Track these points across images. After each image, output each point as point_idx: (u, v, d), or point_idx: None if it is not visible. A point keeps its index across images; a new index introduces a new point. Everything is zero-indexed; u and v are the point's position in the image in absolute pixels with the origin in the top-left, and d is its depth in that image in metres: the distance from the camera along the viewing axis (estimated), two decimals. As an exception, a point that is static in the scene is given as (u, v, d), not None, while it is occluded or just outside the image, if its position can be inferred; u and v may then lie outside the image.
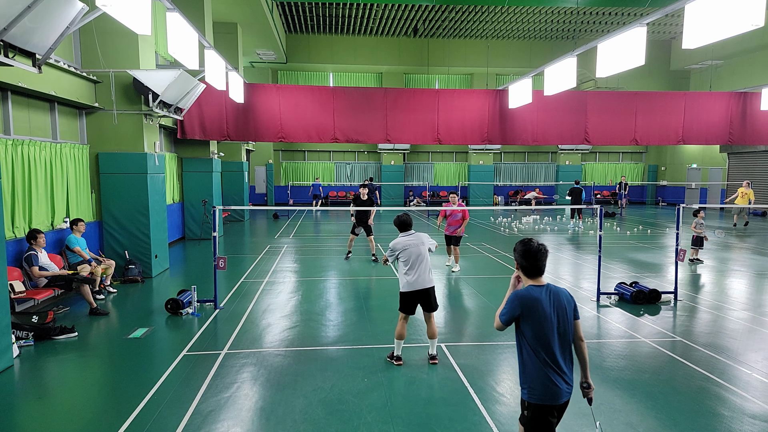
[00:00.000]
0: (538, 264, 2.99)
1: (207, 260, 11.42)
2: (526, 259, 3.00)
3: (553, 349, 2.92)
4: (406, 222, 5.72)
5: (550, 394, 2.94)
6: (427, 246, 5.61)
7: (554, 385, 2.92)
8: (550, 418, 2.98)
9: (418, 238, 5.63)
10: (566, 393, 2.99)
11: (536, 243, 3.02)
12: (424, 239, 5.63)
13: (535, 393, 2.98)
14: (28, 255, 7.26)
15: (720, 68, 24.69)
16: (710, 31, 6.02)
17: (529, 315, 2.93)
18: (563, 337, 2.96)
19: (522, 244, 3.05)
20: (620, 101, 14.52)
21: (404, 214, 5.76)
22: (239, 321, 7.12)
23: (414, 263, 5.48)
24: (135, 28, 6.12)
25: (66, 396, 4.96)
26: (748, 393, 4.89)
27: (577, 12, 21.77)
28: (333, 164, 29.33)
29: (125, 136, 9.66)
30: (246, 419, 4.40)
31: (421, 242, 5.58)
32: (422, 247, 5.54)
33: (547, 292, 2.99)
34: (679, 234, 8.27)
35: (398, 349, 5.58)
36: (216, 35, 16.25)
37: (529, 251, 2.99)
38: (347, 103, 13.63)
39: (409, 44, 26.59)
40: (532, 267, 3.00)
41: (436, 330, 5.64)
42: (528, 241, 3.04)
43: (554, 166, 30.32)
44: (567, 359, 2.99)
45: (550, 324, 2.92)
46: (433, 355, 5.65)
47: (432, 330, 5.62)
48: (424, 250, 5.55)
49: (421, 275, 5.49)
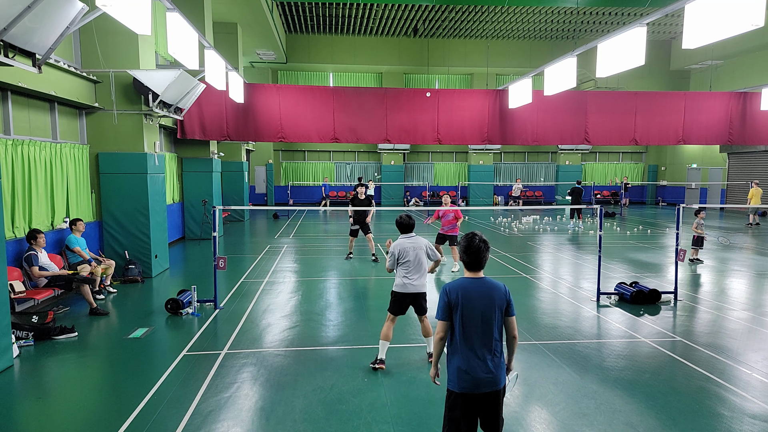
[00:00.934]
0: (478, 259, 3.10)
1: (207, 260, 11.42)
2: (467, 254, 3.11)
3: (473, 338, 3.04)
4: (406, 224, 5.64)
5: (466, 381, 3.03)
6: (425, 251, 5.53)
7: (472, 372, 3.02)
8: (468, 407, 3.06)
9: (418, 242, 5.55)
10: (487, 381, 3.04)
11: (478, 240, 3.10)
12: (423, 245, 5.55)
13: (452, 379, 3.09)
14: (28, 255, 7.26)
15: (720, 68, 24.70)
16: (710, 31, 6.02)
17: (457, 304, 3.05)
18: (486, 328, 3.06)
19: (465, 240, 3.14)
20: (620, 101, 14.52)
21: (406, 216, 5.67)
22: (239, 321, 7.12)
23: (411, 267, 5.43)
24: (135, 28, 6.12)
25: (66, 396, 4.96)
26: (748, 393, 4.89)
27: (577, 12, 21.77)
28: (333, 164, 29.34)
29: (125, 136, 9.66)
30: (246, 419, 4.40)
31: (420, 247, 5.50)
32: (420, 252, 5.48)
33: (480, 284, 3.10)
34: (679, 234, 8.27)
35: (382, 351, 5.44)
36: (216, 35, 16.25)
37: (470, 247, 3.09)
38: (347, 103, 13.63)
39: (409, 44, 26.60)
40: (472, 262, 3.12)
41: (431, 328, 5.60)
42: (471, 237, 3.12)
43: (554, 166, 30.32)
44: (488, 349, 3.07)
45: (476, 314, 3.04)
46: (431, 353, 5.59)
47: (426, 328, 5.61)
48: (422, 254, 5.49)
49: (416, 280, 5.45)
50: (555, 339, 6.39)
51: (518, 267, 10.94)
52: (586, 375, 5.29)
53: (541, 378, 5.23)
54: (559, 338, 6.42)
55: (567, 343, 6.20)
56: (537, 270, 10.73)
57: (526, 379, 5.25)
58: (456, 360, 3.07)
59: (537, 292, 8.90)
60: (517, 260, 11.67)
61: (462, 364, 3.04)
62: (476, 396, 3.05)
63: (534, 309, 7.80)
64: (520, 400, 4.79)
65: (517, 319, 7.41)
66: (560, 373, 5.35)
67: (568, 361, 5.66)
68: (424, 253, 5.53)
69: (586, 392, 4.88)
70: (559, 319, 7.26)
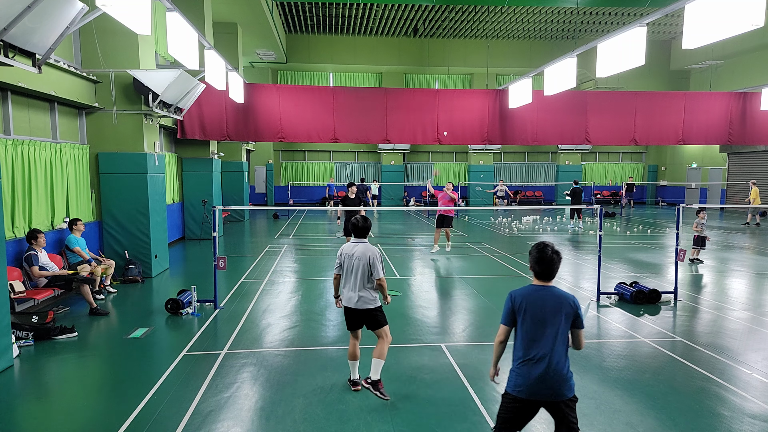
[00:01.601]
0: (550, 270, 3.14)
1: (207, 260, 11.42)
2: (539, 265, 3.15)
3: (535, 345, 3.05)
4: (358, 227, 4.86)
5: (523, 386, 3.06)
6: (367, 263, 4.70)
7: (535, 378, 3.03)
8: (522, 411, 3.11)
9: (362, 251, 4.75)
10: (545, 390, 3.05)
11: (550, 251, 3.13)
12: (367, 256, 4.72)
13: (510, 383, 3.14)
14: (28, 255, 7.26)
15: (720, 68, 24.70)
16: (710, 31, 6.02)
17: (522, 310, 3.10)
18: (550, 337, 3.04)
19: (537, 251, 3.15)
20: (620, 101, 14.52)
21: (361, 217, 4.90)
22: (239, 321, 7.12)
23: (346, 277, 4.81)
24: (135, 28, 6.12)
25: (66, 396, 4.96)
26: (748, 393, 4.89)
27: (577, 12, 21.77)
28: (333, 164, 29.34)
29: (125, 136, 9.66)
30: (246, 419, 4.39)
31: (359, 257, 4.72)
32: (358, 263, 4.72)
33: (548, 293, 3.12)
34: (679, 234, 8.26)
35: (353, 371, 4.96)
36: (216, 35, 16.25)
37: (543, 259, 3.13)
38: (347, 103, 13.64)
39: (409, 44, 26.59)
40: (543, 272, 3.15)
41: (383, 350, 4.80)
42: (544, 248, 3.14)
43: (554, 166, 30.33)
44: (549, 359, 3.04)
45: (540, 322, 3.05)
46: (370, 379, 4.77)
47: (378, 348, 4.82)
48: (359, 265, 4.71)
49: (347, 292, 4.80)
50: (555, 339, 6.38)
51: (518, 267, 10.94)
52: (586, 375, 5.29)
53: (541, 378, 5.23)
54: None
55: (567, 343, 6.19)
56: (537, 270, 10.71)
57: (526, 379, 5.25)
58: (515, 365, 3.12)
59: (537, 292, 8.88)
60: (517, 260, 11.67)
61: (522, 370, 3.06)
62: (532, 402, 3.07)
63: (534, 309, 7.78)
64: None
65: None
66: (560, 373, 5.34)
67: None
68: (364, 266, 4.71)
69: (586, 392, 4.88)
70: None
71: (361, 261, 4.72)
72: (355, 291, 4.74)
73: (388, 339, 4.87)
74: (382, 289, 4.80)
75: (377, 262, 4.72)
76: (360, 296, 4.73)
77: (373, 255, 4.74)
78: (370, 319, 4.81)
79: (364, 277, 4.73)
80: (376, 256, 4.74)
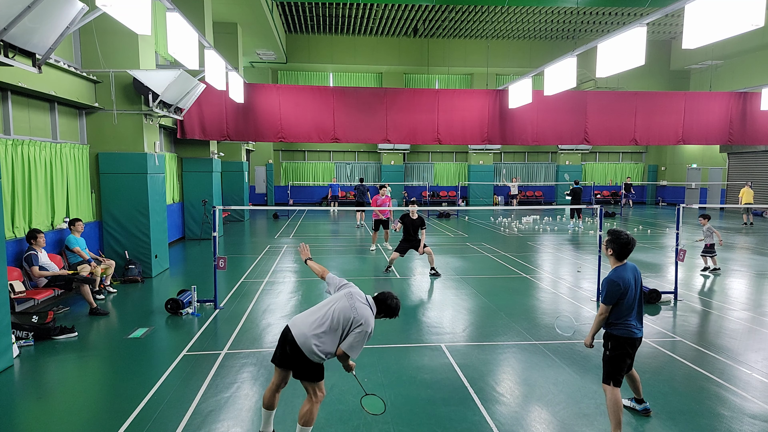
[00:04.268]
0: (629, 251, 4.12)
1: (207, 260, 11.42)
2: (623, 247, 4.09)
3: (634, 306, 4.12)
4: (390, 307, 3.87)
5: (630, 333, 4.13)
6: (349, 326, 3.67)
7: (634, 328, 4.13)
8: (630, 349, 4.13)
9: (359, 314, 3.69)
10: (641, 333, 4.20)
11: (627, 236, 4.10)
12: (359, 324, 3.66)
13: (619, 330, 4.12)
14: (28, 255, 7.26)
15: (720, 68, 24.70)
16: (710, 31, 6.02)
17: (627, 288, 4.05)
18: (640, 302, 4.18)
19: (619, 236, 4.09)
20: (620, 101, 14.51)
21: (396, 301, 3.92)
22: (239, 321, 7.12)
23: (316, 306, 3.91)
24: (135, 28, 6.12)
25: (66, 396, 4.96)
26: (748, 393, 4.89)
27: (577, 12, 21.77)
28: (333, 164, 29.34)
29: (125, 136, 9.66)
30: (246, 419, 4.39)
31: (352, 315, 3.68)
32: (343, 315, 3.69)
33: (631, 268, 4.19)
34: (679, 234, 8.26)
35: (265, 424, 3.95)
36: (216, 35, 16.25)
37: (629, 243, 4.09)
38: (347, 103, 13.63)
39: (409, 44, 26.59)
40: (625, 253, 4.13)
41: (312, 413, 3.73)
42: (625, 234, 4.12)
43: (554, 166, 30.33)
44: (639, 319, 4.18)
45: (633, 290, 4.08)
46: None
47: (305, 409, 3.74)
48: (341, 318, 3.68)
49: (304, 323, 3.76)
50: (555, 339, 6.38)
51: (518, 267, 10.94)
52: (586, 375, 5.29)
53: (541, 378, 5.23)
54: (559, 338, 6.41)
55: (567, 343, 6.19)
56: (537, 270, 10.73)
57: (526, 379, 5.25)
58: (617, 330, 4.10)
59: (537, 292, 8.90)
60: (517, 260, 11.67)
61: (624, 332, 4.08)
62: (640, 339, 4.21)
63: (534, 309, 7.80)
64: (520, 400, 4.79)
65: (517, 319, 7.43)
66: (560, 373, 5.35)
67: (568, 361, 5.66)
68: (344, 321, 3.68)
69: (586, 392, 4.89)
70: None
71: (345, 315, 3.68)
72: (312, 330, 3.68)
73: (319, 399, 3.76)
74: (344, 363, 3.80)
75: (360, 339, 3.65)
76: (314, 342, 3.64)
77: (365, 328, 3.65)
78: (305, 369, 3.70)
79: (333, 330, 3.67)
80: (364, 332, 3.66)
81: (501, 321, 7.16)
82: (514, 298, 8.34)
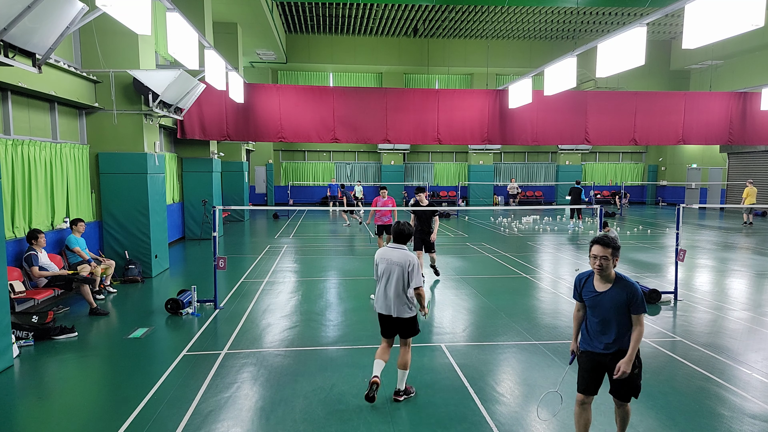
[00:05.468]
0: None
1: (207, 260, 11.42)
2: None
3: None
4: (403, 233, 4.77)
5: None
6: (404, 271, 4.58)
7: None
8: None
9: (400, 257, 4.63)
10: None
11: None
12: (405, 262, 4.59)
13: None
14: (28, 255, 7.26)
15: (720, 68, 24.70)
16: (710, 31, 6.01)
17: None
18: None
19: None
20: (620, 101, 14.51)
21: (404, 223, 4.82)
22: (239, 321, 7.12)
23: (381, 282, 4.70)
24: (135, 28, 6.12)
25: (66, 396, 4.96)
26: (748, 393, 4.89)
27: (577, 12, 21.77)
28: (333, 164, 29.34)
29: (125, 136, 9.66)
30: (246, 419, 4.39)
31: (398, 263, 4.60)
32: (395, 268, 4.60)
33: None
34: (679, 234, 8.26)
35: (376, 369, 4.67)
36: (216, 35, 16.25)
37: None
38: (347, 103, 13.63)
39: (409, 44, 26.59)
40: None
41: (406, 360, 4.69)
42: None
43: (554, 166, 30.33)
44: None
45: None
46: (398, 390, 4.73)
47: (402, 358, 4.71)
48: (396, 272, 4.59)
49: (382, 298, 4.70)
50: (555, 339, 6.38)
51: (518, 267, 10.94)
52: (586, 375, 5.28)
53: (541, 378, 5.23)
54: (559, 338, 6.42)
55: (567, 343, 6.19)
56: (537, 270, 10.73)
57: (526, 379, 5.25)
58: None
59: (537, 292, 8.90)
60: (517, 260, 11.67)
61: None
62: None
63: (534, 309, 7.80)
64: (520, 400, 4.79)
65: (517, 319, 7.43)
66: (560, 373, 5.35)
67: (568, 361, 5.65)
68: (400, 273, 4.58)
69: (586, 392, 4.88)
70: (559, 319, 7.26)
71: (398, 267, 4.59)
72: (391, 298, 4.61)
73: (410, 347, 4.82)
74: (420, 298, 4.66)
75: (416, 271, 4.55)
76: (397, 304, 4.60)
77: (412, 262, 4.57)
78: (405, 328, 4.70)
79: (399, 285, 4.58)
80: (414, 264, 4.56)
81: (501, 321, 7.16)
82: (514, 298, 8.34)
